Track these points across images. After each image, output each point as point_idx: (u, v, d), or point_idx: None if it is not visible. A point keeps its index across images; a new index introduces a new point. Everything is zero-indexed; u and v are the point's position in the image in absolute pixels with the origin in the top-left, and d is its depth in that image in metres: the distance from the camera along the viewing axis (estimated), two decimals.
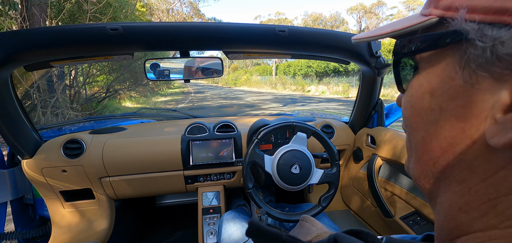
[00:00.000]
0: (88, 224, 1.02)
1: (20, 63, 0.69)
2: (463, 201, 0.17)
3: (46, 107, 3.86)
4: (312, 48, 0.78)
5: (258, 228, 0.23)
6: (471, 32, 0.15)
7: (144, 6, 10.50)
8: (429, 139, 0.19)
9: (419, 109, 0.20)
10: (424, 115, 0.19)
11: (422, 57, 0.20)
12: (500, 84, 0.14)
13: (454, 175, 0.18)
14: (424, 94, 0.19)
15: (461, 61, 0.16)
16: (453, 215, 0.18)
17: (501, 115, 0.14)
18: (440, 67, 0.18)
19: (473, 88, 0.16)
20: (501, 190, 0.15)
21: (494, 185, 0.15)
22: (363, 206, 1.06)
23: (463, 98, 0.16)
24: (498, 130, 0.14)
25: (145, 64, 0.79)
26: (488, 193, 0.15)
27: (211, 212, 1.03)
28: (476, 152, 0.16)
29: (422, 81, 0.20)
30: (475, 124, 0.16)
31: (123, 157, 0.96)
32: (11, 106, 0.79)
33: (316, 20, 27.98)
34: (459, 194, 0.17)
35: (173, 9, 16.34)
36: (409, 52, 0.20)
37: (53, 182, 0.93)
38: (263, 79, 22.32)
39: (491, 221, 0.15)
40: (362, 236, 0.19)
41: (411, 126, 0.21)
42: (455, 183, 0.17)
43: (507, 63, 0.14)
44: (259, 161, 0.80)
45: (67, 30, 0.61)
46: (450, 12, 0.17)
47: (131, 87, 7.80)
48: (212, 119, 1.24)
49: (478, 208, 0.16)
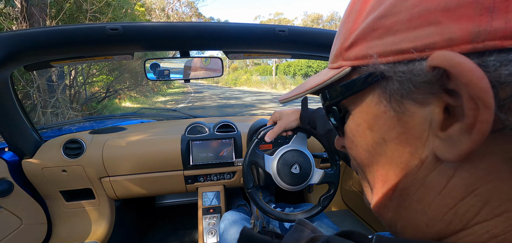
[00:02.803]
0: (88, 224, 1.02)
1: (20, 63, 0.69)
2: (427, 217, 0.18)
3: (46, 107, 3.86)
4: (312, 48, 0.78)
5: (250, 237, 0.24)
6: (385, 72, 0.17)
7: (142, 6, 10.50)
8: (384, 171, 0.20)
9: (366, 145, 0.21)
10: (372, 150, 0.20)
11: (348, 101, 0.22)
12: (426, 106, 0.16)
13: (411, 196, 0.18)
14: (365, 131, 0.21)
15: (385, 95, 0.18)
16: (423, 232, 0.18)
17: (441, 132, 0.16)
18: (368, 105, 0.20)
19: (405, 116, 0.17)
20: (456, 196, 0.16)
21: (449, 195, 0.16)
22: (363, 206, 1.05)
23: (401, 125, 0.18)
24: (447, 145, 0.15)
25: (145, 64, 0.79)
26: (447, 203, 0.16)
27: (211, 212, 1.03)
28: (427, 170, 0.17)
29: (358, 121, 0.21)
30: (420, 145, 0.17)
31: (123, 157, 0.96)
32: (11, 106, 0.79)
33: (315, 20, 27.97)
34: (421, 212, 0.18)
35: (172, 9, 16.35)
36: (337, 99, 0.22)
37: (53, 182, 0.93)
38: (263, 79, 22.31)
39: (457, 226, 0.16)
40: (353, 237, 0.20)
41: (363, 163, 0.22)
42: (414, 203, 0.18)
43: (424, 88, 0.15)
44: (259, 161, 0.80)
45: (66, 30, 0.61)
46: (359, 60, 0.19)
47: (131, 87, 7.80)
48: (212, 119, 1.24)
49: (442, 219, 0.17)
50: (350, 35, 0.20)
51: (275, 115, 0.79)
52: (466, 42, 0.13)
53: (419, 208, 0.18)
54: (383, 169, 0.20)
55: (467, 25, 0.13)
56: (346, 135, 0.24)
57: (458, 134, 0.15)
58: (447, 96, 0.15)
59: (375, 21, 0.18)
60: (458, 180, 0.16)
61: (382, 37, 0.17)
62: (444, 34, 0.14)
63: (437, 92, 0.15)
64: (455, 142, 0.15)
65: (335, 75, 0.21)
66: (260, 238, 0.23)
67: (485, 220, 0.15)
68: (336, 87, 0.22)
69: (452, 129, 0.15)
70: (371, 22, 0.18)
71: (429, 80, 0.15)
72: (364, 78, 0.19)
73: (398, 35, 0.16)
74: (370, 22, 0.18)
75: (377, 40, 0.17)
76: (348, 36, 0.20)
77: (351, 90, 0.20)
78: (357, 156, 0.23)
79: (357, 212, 1.12)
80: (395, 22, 0.16)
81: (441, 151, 0.16)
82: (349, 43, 0.20)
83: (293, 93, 0.26)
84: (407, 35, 0.16)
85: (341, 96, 0.22)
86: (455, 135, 0.15)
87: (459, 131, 0.15)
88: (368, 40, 0.18)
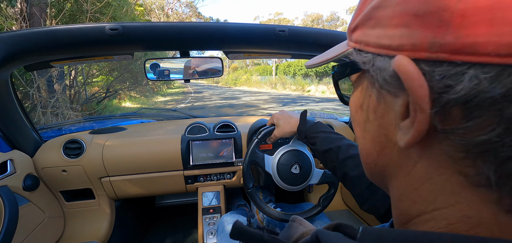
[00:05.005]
0: (88, 224, 1.02)
1: (20, 63, 0.69)
2: (399, 192, 0.20)
3: (46, 107, 3.86)
4: (312, 48, 0.78)
5: (241, 230, 0.25)
6: (366, 63, 0.19)
7: (141, 5, 10.50)
8: (367, 145, 0.23)
9: (357, 120, 0.24)
10: (361, 125, 0.23)
11: (352, 78, 0.24)
12: (396, 98, 0.18)
13: (389, 172, 0.21)
14: (357, 108, 0.23)
15: (372, 81, 0.20)
16: (396, 204, 0.21)
17: (400, 121, 0.18)
18: (362, 86, 0.22)
19: (383, 103, 0.19)
20: (419, 180, 0.18)
21: (414, 177, 0.18)
22: None
23: (380, 110, 0.20)
24: (400, 134, 0.18)
25: (145, 64, 0.79)
26: (413, 184, 0.19)
27: (211, 212, 1.03)
28: (398, 153, 0.19)
29: (354, 97, 0.24)
30: (392, 130, 0.19)
31: (123, 157, 0.96)
32: (11, 106, 0.79)
33: (315, 20, 27.97)
34: (396, 187, 0.21)
35: (172, 9, 16.35)
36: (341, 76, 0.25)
37: (53, 182, 0.93)
38: (263, 79, 22.30)
39: (421, 207, 0.18)
40: (341, 228, 0.22)
41: (356, 134, 0.25)
42: (393, 179, 0.21)
43: (393, 83, 0.17)
44: (259, 161, 0.80)
45: (67, 30, 0.61)
46: (357, 45, 0.21)
47: (131, 87, 7.79)
48: (212, 119, 1.24)
49: (409, 198, 0.19)
50: (356, 18, 0.21)
51: (274, 118, 0.78)
52: (424, 50, 0.15)
53: (394, 184, 0.21)
54: (367, 143, 0.23)
55: (427, 34, 0.14)
56: (349, 106, 0.26)
57: (406, 126, 0.17)
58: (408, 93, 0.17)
59: (371, 10, 0.19)
60: (420, 166, 0.18)
61: (373, 27, 0.18)
62: (411, 38, 0.15)
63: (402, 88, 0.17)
64: (404, 133, 0.17)
65: (343, 52, 0.23)
66: (250, 231, 0.24)
67: (442, 207, 0.17)
68: (344, 63, 0.24)
69: (404, 122, 0.17)
70: (369, 10, 0.19)
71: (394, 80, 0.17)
72: (353, 63, 0.21)
73: (383, 29, 0.17)
74: (368, 10, 0.19)
75: (370, 29, 0.19)
76: (354, 18, 0.22)
77: (351, 69, 0.23)
78: (354, 126, 0.25)
79: (357, 212, 1.12)
80: (384, 16, 0.17)
81: (398, 137, 0.18)
82: (353, 26, 0.22)
83: (319, 59, 0.29)
84: (387, 31, 0.17)
85: (346, 72, 0.24)
86: (405, 127, 0.17)
87: (407, 125, 0.17)
88: (364, 27, 0.20)
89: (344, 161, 0.56)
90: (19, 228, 0.70)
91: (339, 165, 0.57)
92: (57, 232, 0.95)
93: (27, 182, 0.81)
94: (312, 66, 0.31)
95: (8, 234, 0.66)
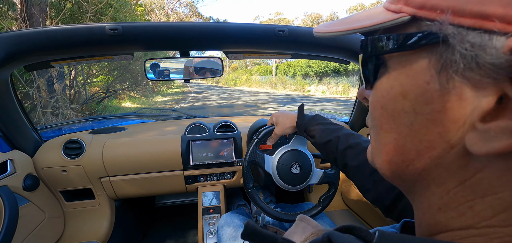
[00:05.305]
0: (88, 224, 1.02)
1: (20, 63, 0.69)
2: (442, 202, 0.17)
3: (46, 107, 3.86)
4: (312, 48, 0.78)
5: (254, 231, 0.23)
6: (450, 37, 0.14)
7: (141, 5, 10.50)
8: (402, 142, 0.18)
9: (392, 111, 0.19)
10: (397, 118, 0.18)
11: (392, 56, 0.18)
12: (479, 91, 0.13)
13: (432, 177, 0.17)
14: (397, 96, 0.18)
15: (437, 65, 0.15)
16: (432, 214, 0.18)
17: (480, 123, 0.14)
18: (413, 69, 0.17)
19: (449, 94, 0.15)
20: (477, 192, 0.15)
21: (471, 187, 0.15)
22: (363, 206, 1.05)
23: (440, 103, 0.15)
24: (479, 138, 0.14)
25: (145, 64, 0.79)
26: (466, 195, 0.16)
27: (211, 212, 1.03)
28: (453, 157, 0.16)
29: (393, 83, 0.18)
30: (453, 130, 0.15)
31: (123, 157, 0.96)
32: (11, 106, 0.79)
33: (315, 20, 27.98)
34: (438, 196, 0.17)
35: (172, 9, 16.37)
36: (380, 51, 0.18)
37: (53, 182, 0.93)
38: (263, 79, 22.31)
39: (468, 221, 0.16)
40: (355, 232, 0.19)
41: (380, 126, 0.20)
42: (433, 186, 0.17)
43: (488, 71, 0.13)
44: (259, 161, 0.80)
45: (67, 30, 0.61)
46: (423, 11, 0.15)
47: (131, 87, 7.79)
48: (212, 119, 1.24)
49: (456, 209, 0.16)
50: None
51: (273, 118, 0.78)
52: None
53: (437, 191, 0.17)
54: (402, 140, 0.18)
55: None
56: (374, 91, 0.20)
57: (499, 131, 0.13)
58: (510, 86, 0.13)
59: None
60: (484, 176, 0.15)
61: None
62: None
63: (500, 79, 0.13)
64: (491, 138, 0.13)
65: (390, 20, 0.17)
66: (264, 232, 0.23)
67: (500, 226, 0.14)
68: (389, 35, 0.18)
69: (495, 124, 0.13)
70: None
71: (499, 63, 0.12)
72: (421, 36, 0.15)
73: None
74: None
75: None
76: None
77: (402, 45, 0.17)
78: (377, 117, 0.20)
79: (357, 212, 1.12)
80: None
81: (471, 141, 0.14)
82: None
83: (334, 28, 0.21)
84: None
85: (386, 48, 0.18)
86: (495, 131, 0.13)
87: (502, 129, 0.13)
88: None
89: (344, 151, 0.55)
90: (19, 228, 0.70)
91: (340, 155, 0.56)
92: (57, 232, 0.95)
93: (27, 182, 0.81)
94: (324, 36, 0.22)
95: (8, 234, 0.65)
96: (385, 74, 0.19)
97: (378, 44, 0.18)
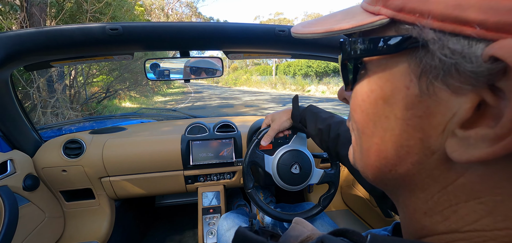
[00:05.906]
0: (88, 224, 1.02)
1: (20, 63, 0.69)
2: (427, 207, 0.17)
3: (46, 107, 3.86)
4: (312, 48, 0.78)
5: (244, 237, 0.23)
6: (430, 42, 0.14)
7: (141, 5, 10.51)
8: (384, 147, 0.18)
9: (372, 115, 0.18)
10: (377, 122, 0.18)
11: (371, 59, 0.18)
12: (458, 97, 0.13)
13: (415, 182, 0.17)
14: (377, 100, 0.18)
15: (416, 70, 0.15)
16: (418, 218, 0.18)
17: (460, 129, 0.14)
18: (392, 73, 0.16)
19: (429, 99, 0.14)
20: (460, 197, 0.15)
21: (454, 192, 0.15)
22: (363, 206, 1.05)
23: (420, 109, 0.15)
24: (459, 145, 0.14)
25: (145, 64, 0.79)
26: (449, 200, 0.16)
27: (211, 212, 1.03)
28: (435, 162, 0.16)
29: (373, 86, 0.18)
30: (433, 136, 0.15)
31: (123, 157, 0.96)
32: (11, 106, 0.79)
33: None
34: (423, 200, 0.17)
35: (172, 9, 16.37)
36: (358, 54, 0.18)
37: (53, 182, 0.93)
38: (263, 79, 22.31)
39: (453, 226, 0.16)
40: (348, 235, 0.19)
41: (363, 131, 0.20)
42: (418, 190, 0.17)
43: (468, 77, 0.12)
44: (259, 161, 0.80)
45: (66, 30, 0.61)
46: (402, 14, 0.15)
47: (131, 87, 7.79)
48: (212, 119, 1.24)
49: (441, 213, 0.16)
50: None
51: (268, 118, 0.78)
52: None
53: (422, 196, 0.17)
54: (383, 144, 0.18)
55: None
56: (354, 94, 0.20)
57: (478, 138, 0.13)
58: (489, 93, 0.12)
59: None
60: (466, 181, 0.15)
61: None
62: None
63: (479, 85, 0.13)
64: (470, 146, 0.13)
65: (368, 23, 0.16)
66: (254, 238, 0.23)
67: (483, 229, 0.14)
68: (362, 38, 0.17)
69: (474, 131, 0.13)
70: None
71: (479, 71, 0.12)
72: (400, 40, 0.15)
73: None
74: None
75: None
76: None
77: (380, 49, 0.16)
78: (358, 120, 0.20)
79: (357, 212, 1.12)
80: None
81: (451, 148, 0.14)
82: None
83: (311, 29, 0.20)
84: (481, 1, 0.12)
85: (365, 51, 0.17)
86: (475, 138, 0.13)
87: (481, 137, 0.13)
88: None
89: (335, 139, 0.55)
90: (19, 228, 0.70)
91: (331, 144, 0.57)
92: (57, 232, 0.95)
93: (27, 182, 0.81)
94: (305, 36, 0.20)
95: (8, 234, 0.66)
96: (365, 77, 0.19)
97: (357, 47, 0.18)
